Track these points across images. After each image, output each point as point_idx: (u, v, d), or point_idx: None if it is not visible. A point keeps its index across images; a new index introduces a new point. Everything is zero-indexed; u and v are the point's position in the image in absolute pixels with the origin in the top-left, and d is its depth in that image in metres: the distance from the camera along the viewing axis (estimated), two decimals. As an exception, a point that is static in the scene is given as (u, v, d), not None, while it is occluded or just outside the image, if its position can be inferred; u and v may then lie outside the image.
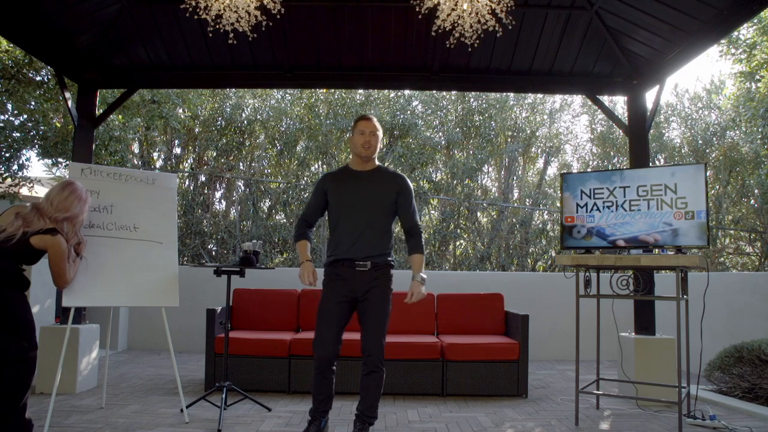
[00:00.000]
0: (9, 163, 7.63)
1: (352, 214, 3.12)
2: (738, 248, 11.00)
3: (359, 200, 3.13)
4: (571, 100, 12.11)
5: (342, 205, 3.15)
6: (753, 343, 4.54)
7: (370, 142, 3.13)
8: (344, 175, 3.24)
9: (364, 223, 3.10)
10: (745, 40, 9.30)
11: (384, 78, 5.48)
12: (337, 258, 3.12)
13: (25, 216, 2.83)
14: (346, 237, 3.11)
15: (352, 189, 3.16)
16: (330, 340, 3.09)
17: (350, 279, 3.08)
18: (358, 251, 3.08)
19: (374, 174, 3.21)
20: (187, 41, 5.04)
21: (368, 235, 3.09)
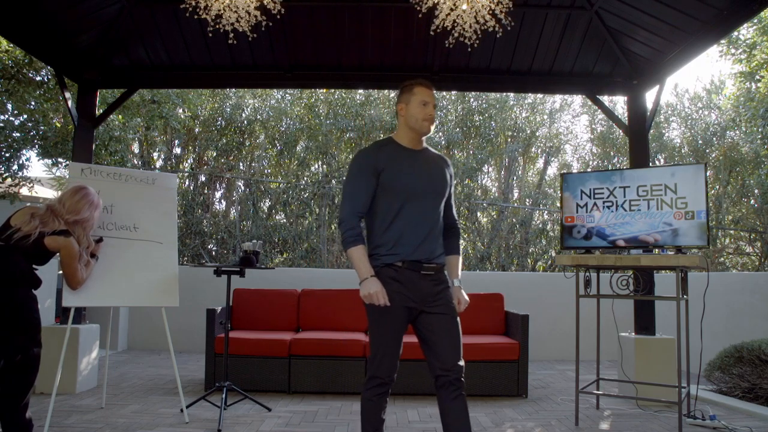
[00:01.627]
0: (9, 163, 7.63)
1: (419, 204, 2.43)
2: (738, 248, 11.00)
3: (424, 186, 2.45)
4: (571, 100, 12.12)
5: (405, 190, 2.41)
6: (753, 343, 4.54)
7: (433, 116, 2.49)
8: (398, 152, 2.48)
9: (432, 215, 2.46)
10: (745, 40, 9.30)
11: (384, 78, 5.48)
12: (402, 259, 2.39)
13: (41, 216, 2.87)
14: (410, 232, 2.40)
15: (414, 171, 2.45)
16: (398, 356, 2.45)
17: (413, 286, 2.39)
18: (427, 251, 2.42)
19: (427, 155, 2.55)
20: (187, 41, 5.04)
21: (436, 231, 2.47)
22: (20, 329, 2.62)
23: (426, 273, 2.40)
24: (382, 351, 2.41)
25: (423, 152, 2.53)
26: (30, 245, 2.77)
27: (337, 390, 4.58)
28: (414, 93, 2.46)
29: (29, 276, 2.77)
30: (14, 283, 2.67)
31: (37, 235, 2.79)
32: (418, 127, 2.46)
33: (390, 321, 2.39)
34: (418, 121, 2.45)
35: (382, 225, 2.42)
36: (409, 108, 2.46)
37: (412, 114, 2.45)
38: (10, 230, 2.76)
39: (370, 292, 2.30)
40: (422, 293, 2.40)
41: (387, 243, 2.39)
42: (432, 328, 2.42)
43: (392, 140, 2.52)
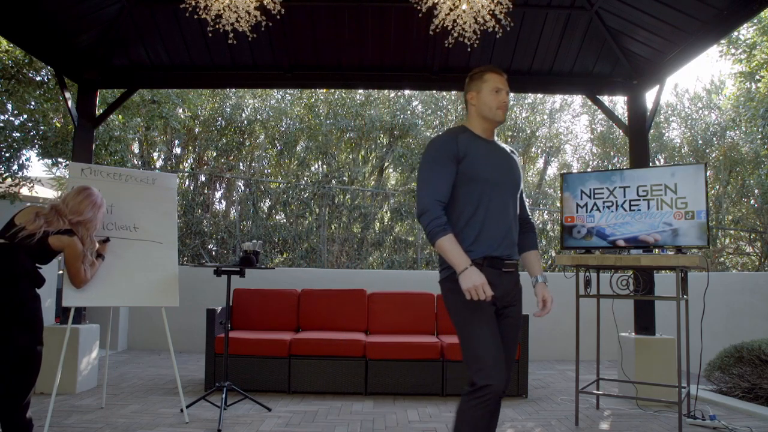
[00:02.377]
0: (9, 163, 7.62)
1: (500, 196, 2.24)
2: (738, 248, 11.00)
3: (504, 177, 2.27)
4: (571, 100, 12.12)
5: (487, 180, 2.21)
6: (753, 343, 4.54)
7: (508, 104, 2.32)
8: (476, 140, 2.28)
9: (513, 208, 2.29)
10: (745, 40, 9.30)
11: (384, 78, 5.48)
12: (485, 255, 2.18)
13: (45, 216, 2.89)
14: (492, 226, 2.20)
15: (492, 161, 2.26)
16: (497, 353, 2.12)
17: (495, 283, 2.16)
18: (508, 247, 2.24)
19: (499, 146, 2.36)
20: (187, 41, 5.04)
21: (516, 226, 2.31)
22: (23, 327, 2.63)
23: (507, 271, 2.23)
24: (489, 354, 2.09)
25: (497, 145, 2.35)
26: (34, 244, 2.79)
27: (337, 390, 4.58)
28: (485, 80, 2.29)
29: (33, 274, 2.78)
30: (18, 281, 2.68)
31: (41, 234, 2.81)
32: (492, 116, 2.27)
33: (487, 320, 2.15)
34: (492, 110, 2.26)
35: (461, 218, 2.20)
36: (481, 96, 2.28)
37: (484, 102, 2.27)
38: (14, 229, 2.78)
39: (474, 284, 2.03)
40: (501, 292, 2.21)
41: (467, 238, 2.18)
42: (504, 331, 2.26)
43: (466, 128, 2.31)
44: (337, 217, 10.70)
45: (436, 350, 4.59)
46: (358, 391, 4.58)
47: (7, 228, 2.81)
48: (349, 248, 10.49)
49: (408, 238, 10.63)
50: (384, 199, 10.93)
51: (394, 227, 10.72)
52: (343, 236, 10.55)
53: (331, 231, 10.62)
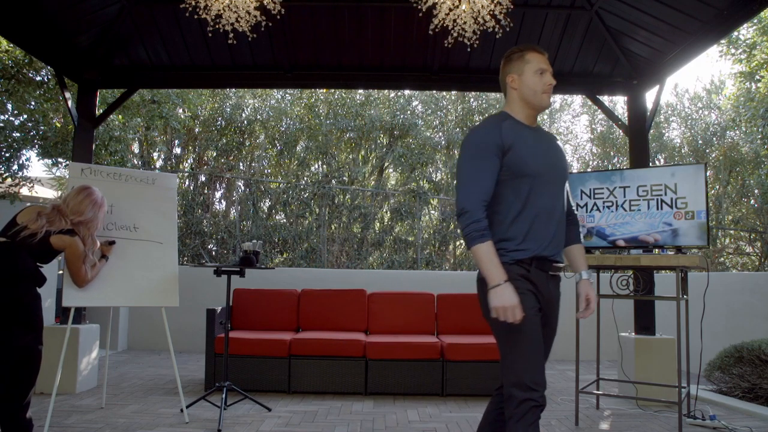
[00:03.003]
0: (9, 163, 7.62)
1: (548, 189, 2.03)
2: (738, 248, 11.00)
3: (551, 168, 2.05)
4: (571, 100, 12.12)
5: (534, 173, 2.00)
6: (753, 343, 4.54)
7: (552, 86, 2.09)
8: (520, 128, 2.06)
9: (561, 202, 2.08)
10: (745, 40, 9.30)
11: (384, 78, 5.48)
12: (533, 255, 1.99)
13: (47, 215, 2.90)
14: (541, 224, 2.01)
15: (538, 151, 2.04)
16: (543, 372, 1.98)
17: (542, 287, 2.02)
18: (558, 246, 2.05)
19: (543, 132, 2.16)
20: (187, 41, 5.04)
21: (564, 222, 2.10)
22: (24, 326, 2.64)
23: (553, 274, 2.05)
24: (526, 364, 1.93)
25: (542, 132, 2.14)
26: (36, 243, 2.80)
27: (337, 390, 4.58)
28: (527, 60, 2.07)
29: (34, 273, 2.79)
30: (19, 279, 2.69)
31: (43, 233, 2.82)
32: (536, 101, 2.06)
33: (530, 328, 1.95)
34: (537, 94, 2.05)
35: (508, 215, 1.99)
36: (524, 79, 2.06)
37: (527, 86, 2.05)
38: (15, 228, 2.79)
39: (504, 305, 1.85)
40: (549, 296, 2.06)
41: (516, 237, 1.98)
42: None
43: (508, 115, 2.09)
44: (337, 217, 10.70)
45: (436, 350, 4.59)
46: (358, 391, 4.58)
47: (8, 227, 2.82)
48: (349, 248, 10.49)
49: (408, 238, 10.63)
50: (384, 199, 10.93)
51: (394, 227, 10.72)
52: (343, 236, 10.55)
53: (331, 231, 10.62)
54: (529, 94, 2.06)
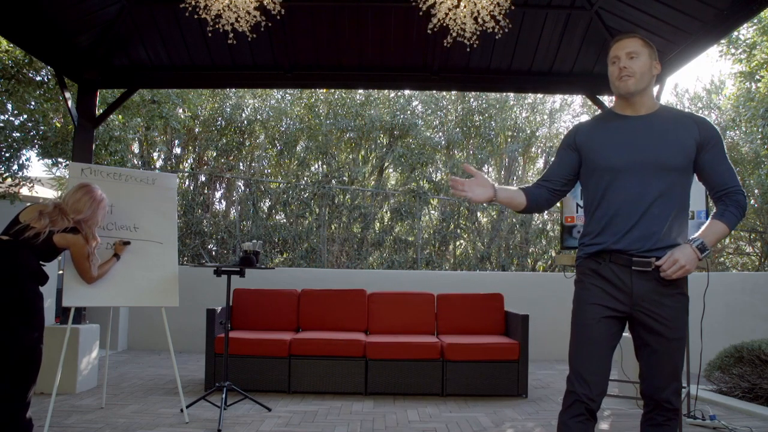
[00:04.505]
0: (9, 163, 7.62)
1: (628, 181, 2.00)
2: (738, 248, 11.00)
3: (631, 158, 2.00)
4: (571, 100, 12.11)
5: (611, 168, 2.02)
6: (753, 343, 4.54)
7: (630, 68, 2.01)
8: (607, 122, 2.12)
9: (647, 194, 1.98)
10: (745, 40, 9.30)
11: (384, 78, 5.48)
12: (603, 249, 2.00)
13: (50, 214, 2.92)
14: (616, 217, 2.00)
15: (618, 142, 2.04)
16: (591, 370, 2.00)
17: (621, 284, 1.97)
18: (638, 239, 1.96)
19: (651, 120, 2.04)
20: (187, 41, 5.04)
21: (656, 214, 1.97)
22: (26, 324, 2.65)
23: (639, 270, 1.94)
24: (573, 358, 2.05)
25: (650, 118, 2.05)
26: (40, 243, 2.82)
27: (337, 390, 4.58)
28: (609, 51, 2.10)
29: (37, 272, 2.81)
30: (22, 278, 2.71)
31: (47, 233, 2.85)
32: (615, 89, 2.08)
33: (581, 320, 2.03)
34: (613, 83, 2.08)
35: (588, 210, 2.10)
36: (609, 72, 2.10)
37: (609, 77, 2.10)
38: (18, 226, 2.81)
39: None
40: (633, 294, 1.96)
41: (592, 231, 2.05)
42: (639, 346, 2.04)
43: (611, 109, 2.17)
44: (337, 217, 10.70)
45: (436, 350, 4.59)
46: (358, 391, 4.58)
47: (11, 226, 2.84)
48: (349, 248, 10.49)
49: (408, 238, 10.63)
50: (384, 199, 10.93)
51: (394, 227, 10.72)
52: (343, 236, 10.55)
53: (331, 231, 10.62)
54: (611, 84, 2.10)
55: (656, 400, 2.01)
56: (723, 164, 2.00)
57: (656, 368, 2.00)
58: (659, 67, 2.10)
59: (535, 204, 2.20)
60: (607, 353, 2.01)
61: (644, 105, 2.06)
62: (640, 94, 2.04)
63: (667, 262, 1.89)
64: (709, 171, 2.01)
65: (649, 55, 2.04)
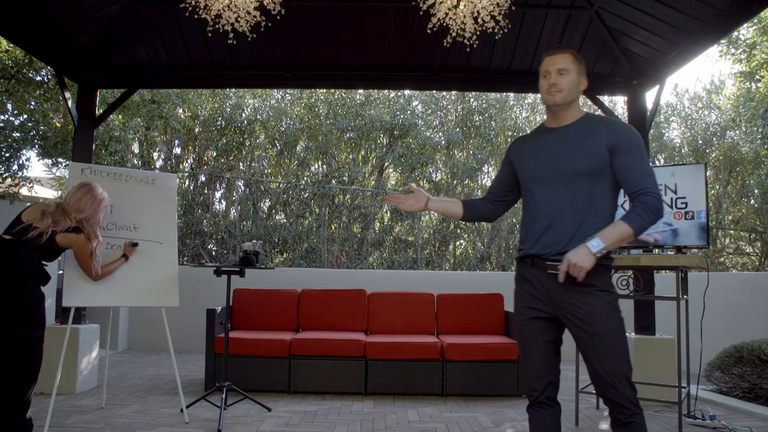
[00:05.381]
0: (9, 163, 7.63)
1: (544, 189, 2.14)
2: (738, 248, 11.00)
3: (549, 167, 2.13)
4: (571, 100, 12.09)
5: (532, 178, 2.19)
6: (753, 343, 4.54)
7: (559, 85, 2.12)
8: (535, 136, 2.27)
9: (560, 199, 2.10)
10: (745, 40, 9.30)
11: (384, 78, 5.48)
12: (525, 254, 2.16)
13: (52, 214, 2.93)
14: (534, 223, 2.15)
15: (539, 153, 2.18)
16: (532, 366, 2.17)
17: (541, 287, 2.11)
18: (550, 243, 2.08)
19: (571, 130, 2.15)
20: (187, 41, 5.04)
21: (567, 218, 2.07)
22: (29, 323, 2.66)
23: (553, 273, 2.02)
24: (526, 359, 2.20)
25: (568, 128, 2.16)
26: (42, 242, 2.83)
27: (337, 390, 4.58)
28: (542, 62, 2.19)
29: (39, 271, 2.82)
30: (25, 277, 2.72)
31: (50, 233, 2.86)
32: (545, 102, 2.20)
33: (517, 322, 2.22)
34: (542, 95, 2.19)
35: (522, 219, 2.26)
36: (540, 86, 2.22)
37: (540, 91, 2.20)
38: (21, 226, 2.83)
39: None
40: (551, 296, 2.07)
41: (521, 238, 2.22)
42: (577, 343, 2.10)
43: (542, 123, 2.30)
44: (337, 217, 10.70)
45: (436, 350, 4.59)
46: (358, 391, 4.58)
47: (13, 225, 2.86)
48: (349, 248, 10.49)
49: (408, 238, 10.63)
50: (384, 199, 10.93)
51: (394, 227, 10.72)
52: (343, 236, 10.55)
53: (331, 231, 10.62)
54: (541, 95, 2.21)
55: (609, 399, 2.02)
56: (635, 167, 2.04)
57: (590, 366, 2.05)
58: (586, 83, 2.20)
59: (473, 213, 2.42)
60: (543, 349, 2.15)
61: (567, 117, 2.18)
62: (566, 108, 2.16)
63: (563, 264, 1.96)
64: (621, 174, 2.06)
65: (578, 72, 2.15)
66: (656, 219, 2.01)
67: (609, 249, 1.95)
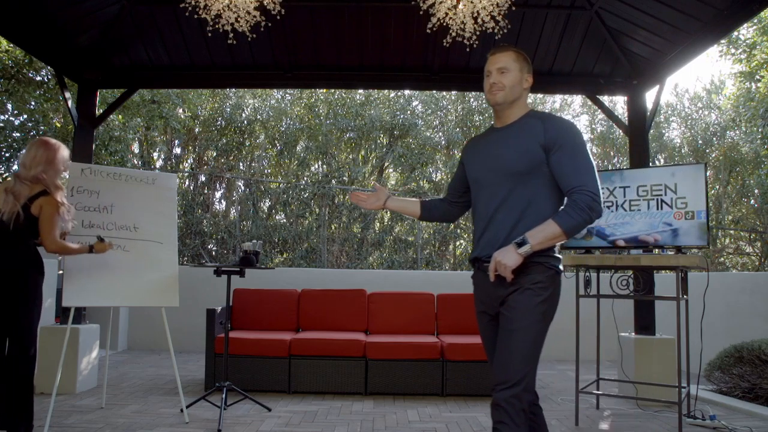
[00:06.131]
0: (9, 163, 7.63)
1: (484, 191, 2.11)
2: (738, 248, 11.00)
3: (489, 168, 2.10)
4: (571, 100, 12.12)
5: (475, 180, 2.17)
6: (753, 343, 4.54)
7: (499, 84, 2.08)
8: (482, 138, 2.23)
9: (494, 201, 2.06)
10: (745, 40, 9.30)
11: (384, 78, 5.48)
12: (471, 257, 2.16)
13: (12, 189, 2.92)
14: (477, 227, 2.14)
15: (482, 154, 2.16)
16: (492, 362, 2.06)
17: (482, 287, 2.11)
18: (487, 245, 2.04)
19: (511, 129, 2.11)
20: (187, 41, 5.04)
21: (502, 219, 2.03)
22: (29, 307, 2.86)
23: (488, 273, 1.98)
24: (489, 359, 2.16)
25: (509, 127, 2.12)
26: (22, 221, 2.87)
27: (337, 390, 4.58)
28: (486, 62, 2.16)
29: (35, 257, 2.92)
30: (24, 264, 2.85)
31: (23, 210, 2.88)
32: (488, 102, 2.19)
33: (478, 321, 2.20)
34: (486, 95, 2.16)
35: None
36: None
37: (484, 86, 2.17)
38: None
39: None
40: (492, 296, 2.05)
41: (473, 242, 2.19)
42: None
43: (492, 124, 2.23)
44: (337, 217, 10.70)
45: (436, 350, 4.59)
46: (358, 391, 4.58)
47: None
48: (349, 248, 10.49)
49: (408, 238, 10.63)
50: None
51: (394, 227, 10.72)
52: (343, 236, 10.55)
53: (331, 231, 10.62)
54: (485, 95, 2.18)
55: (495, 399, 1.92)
56: (570, 165, 1.98)
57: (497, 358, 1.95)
58: (531, 80, 2.16)
59: (430, 214, 2.42)
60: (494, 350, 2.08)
61: (511, 116, 2.13)
62: (509, 106, 2.11)
63: (491, 263, 1.93)
64: (556, 173, 2.00)
65: (520, 69, 2.10)
66: (590, 217, 1.93)
67: (536, 248, 1.88)
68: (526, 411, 1.88)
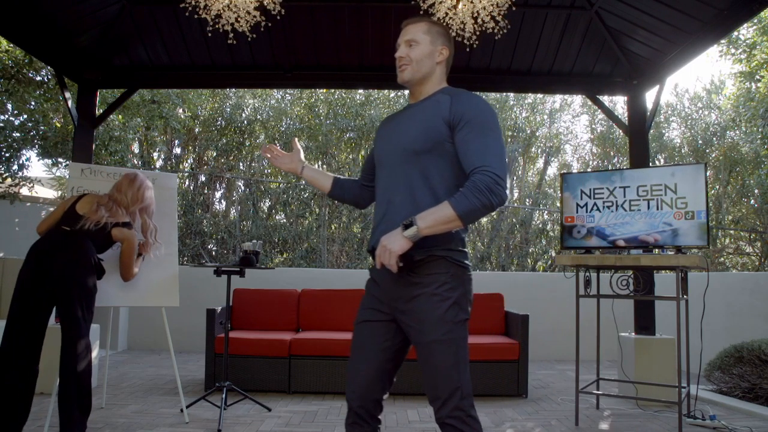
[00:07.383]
0: (9, 163, 7.63)
1: (384, 173, 1.87)
2: (738, 248, 11.00)
3: (390, 147, 1.87)
4: (571, 100, 12.12)
5: (378, 161, 1.92)
6: (753, 343, 4.54)
7: (406, 57, 1.89)
8: (390, 119, 2.00)
9: (393, 184, 1.82)
10: (745, 40, 9.30)
11: (384, 78, 5.48)
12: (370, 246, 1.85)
13: (105, 206, 3.06)
14: (376, 212, 1.88)
15: (386, 133, 1.93)
16: (357, 374, 1.90)
17: (380, 283, 1.83)
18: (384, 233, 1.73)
19: (417, 106, 1.89)
20: (187, 41, 5.04)
21: (396, 205, 1.78)
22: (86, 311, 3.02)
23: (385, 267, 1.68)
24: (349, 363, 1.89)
25: (419, 104, 1.89)
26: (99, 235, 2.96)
27: (337, 390, 4.58)
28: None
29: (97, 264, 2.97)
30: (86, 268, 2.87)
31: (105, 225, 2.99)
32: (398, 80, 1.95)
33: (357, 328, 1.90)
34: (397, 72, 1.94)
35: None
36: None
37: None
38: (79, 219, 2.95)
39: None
40: (389, 294, 1.79)
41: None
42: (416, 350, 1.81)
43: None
44: (337, 217, 10.70)
45: (436, 350, 4.58)
46: (358, 391, 4.57)
47: (70, 217, 2.96)
48: (349, 248, 10.49)
49: (408, 238, 10.62)
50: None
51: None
52: (343, 236, 10.55)
53: (331, 231, 10.62)
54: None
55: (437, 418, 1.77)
56: (473, 143, 1.70)
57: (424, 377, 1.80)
58: (446, 52, 1.95)
59: (340, 192, 2.11)
60: (371, 357, 1.86)
61: (423, 92, 1.91)
62: (420, 83, 1.90)
63: (378, 248, 1.65)
64: (460, 151, 1.73)
65: (431, 42, 1.91)
66: (490, 201, 1.61)
67: (425, 232, 1.60)
68: (474, 415, 1.75)
